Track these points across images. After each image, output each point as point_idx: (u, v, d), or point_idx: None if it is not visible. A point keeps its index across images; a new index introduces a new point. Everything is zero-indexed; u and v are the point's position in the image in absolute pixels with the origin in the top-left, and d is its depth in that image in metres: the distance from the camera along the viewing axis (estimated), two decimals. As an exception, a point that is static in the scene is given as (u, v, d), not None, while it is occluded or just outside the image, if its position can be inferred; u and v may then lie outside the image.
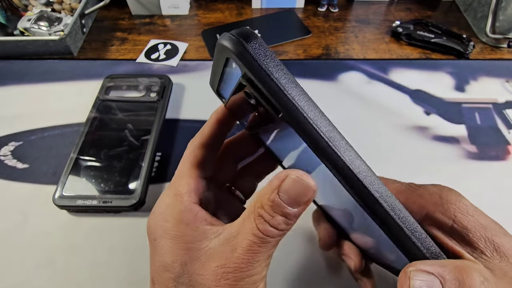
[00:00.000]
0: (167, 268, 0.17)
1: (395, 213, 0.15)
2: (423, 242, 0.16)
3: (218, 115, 0.21)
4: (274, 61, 0.14)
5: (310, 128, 0.14)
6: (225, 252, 0.16)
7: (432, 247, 0.16)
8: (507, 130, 0.40)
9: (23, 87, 0.45)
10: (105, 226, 0.33)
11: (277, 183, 0.15)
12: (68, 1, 0.54)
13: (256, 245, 0.16)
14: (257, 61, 0.13)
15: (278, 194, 0.15)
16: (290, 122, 0.14)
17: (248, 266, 0.16)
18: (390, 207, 0.15)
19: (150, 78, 0.43)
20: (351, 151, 0.14)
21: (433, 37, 0.50)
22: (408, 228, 0.15)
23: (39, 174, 0.36)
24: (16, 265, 0.30)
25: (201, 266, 0.16)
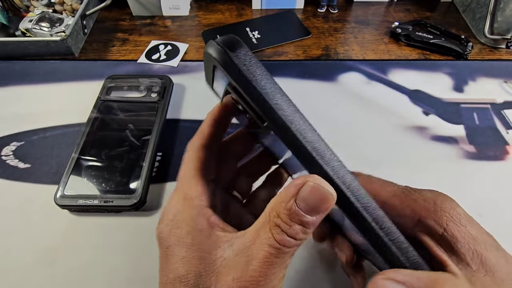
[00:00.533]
0: (181, 279, 0.16)
1: (376, 223, 0.15)
2: (403, 251, 0.16)
3: (214, 115, 0.20)
4: (260, 70, 0.14)
5: (294, 139, 0.14)
6: (240, 263, 0.15)
7: (413, 257, 0.16)
8: (506, 130, 0.41)
9: (24, 87, 0.46)
10: (106, 225, 0.33)
11: (294, 191, 0.15)
12: (70, 2, 0.54)
13: (272, 257, 0.15)
14: (241, 70, 0.13)
15: (295, 202, 0.15)
16: (274, 131, 0.14)
17: (265, 278, 0.15)
18: (372, 218, 0.15)
19: (151, 78, 0.43)
20: (335, 161, 0.15)
21: (432, 37, 0.50)
22: (389, 238, 0.16)
23: (41, 174, 0.37)
24: (17, 265, 0.30)
25: (216, 279, 0.16)
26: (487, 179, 0.36)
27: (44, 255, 0.31)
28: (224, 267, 0.16)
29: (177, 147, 0.39)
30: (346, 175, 0.15)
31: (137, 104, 0.41)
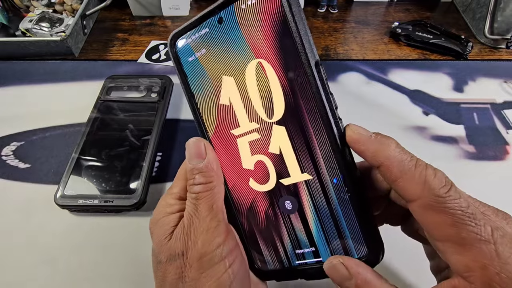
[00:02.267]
0: (153, 251, 0.20)
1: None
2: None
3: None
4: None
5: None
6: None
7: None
8: (505, 130, 0.41)
9: (24, 87, 0.46)
10: (106, 225, 0.33)
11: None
12: (70, 2, 0.54)
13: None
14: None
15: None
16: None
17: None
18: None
19: (151, 78, 0.43)
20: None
21: (432, 37, 0.50)
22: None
23: (41, 174, 0.37)
24: (17, 264, 0.30)
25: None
26: (487, 179, 0.36)
27: (44, 255, 0.31)
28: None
29: (177, 147, 0.39)
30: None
31: (137, 104, 0.41)
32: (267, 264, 0.20)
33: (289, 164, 0.19)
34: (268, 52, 0.17)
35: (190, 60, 0.20)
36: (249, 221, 0.20)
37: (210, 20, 0.18)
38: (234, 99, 0.19)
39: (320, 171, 0.18)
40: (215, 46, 0.19)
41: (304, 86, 0.17)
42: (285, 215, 0.20)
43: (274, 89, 0.18)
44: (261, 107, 0.18)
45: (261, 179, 0.20)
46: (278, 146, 0.19)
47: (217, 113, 0.20)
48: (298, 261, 0.20)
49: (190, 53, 0.19)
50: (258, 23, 0.17)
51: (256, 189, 0.20)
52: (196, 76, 0.20)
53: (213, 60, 0.19)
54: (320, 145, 0.18)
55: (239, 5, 0.17)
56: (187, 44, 0.19)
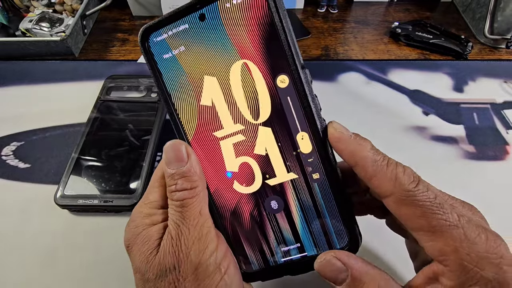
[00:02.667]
0: (136, 269, 0.18)
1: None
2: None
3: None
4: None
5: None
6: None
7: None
8: (505, 130, 0.41)
9: (24, 87, 0.46)
10: (106, 225, 0.33)
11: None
12: (70, 2, 0.54)
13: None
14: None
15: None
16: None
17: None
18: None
19: (151, 78, 0.43)
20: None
21: (432, 37, 0.50)
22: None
23: (41, 173, 0.37)
24: (17, 264, 0.30)
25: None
26: (487, 179, 0.36)
27: (44, 255, 0.31)
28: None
29: (177, 147, 0.39)
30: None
31: (137, 104, 0.41)
32: (252, 265, 0.20)
33: (275, 164, 0.19)
34: (254, 53, 0.17)
35: (166, 57, 0.19)
36: (233, 224, 0.20)
37: (191, 16, 0.18)
38: (217, 100, 0.18)
39: (305, 169, 0.18)
40: (195, 44, 0.18)
41: (291, 88, 0.18)
42: (270, 215, 0.20)
43: (260, 91, 0.18)
44: (246, 109, 0.18)
45: (246, 181, 0.19)
46: (264, 147, 0.19)
47: (198, 114, 0.19)
48: (283, 258, 0.20)
49: (166, 49, 0.18)
50: (244, 23, 0.17)
51: (241, 191, 0.20)
52: (172, 74, 0.19)
53: (193, 59, 0.18)
54: (305, 146, 0.18)
55: (223, 3, 0.17)
56: (163, 40, 0.18)
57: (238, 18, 0.17)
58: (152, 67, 0.19)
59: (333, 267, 0.17)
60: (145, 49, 0.19)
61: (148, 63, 0.19)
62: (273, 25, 0.17)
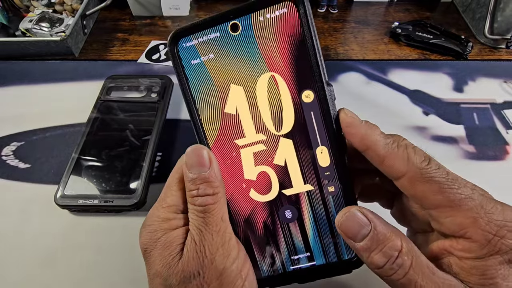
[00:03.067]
0: (157, 274, 0.18)
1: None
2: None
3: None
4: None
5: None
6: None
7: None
8: (505, 130, 0.41)
9: (24, 87, 0.46)
10: (106, 225, 0.33)
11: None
12: (70, 2, 0.54)
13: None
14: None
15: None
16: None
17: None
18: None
19: (151, 78, 0.43)
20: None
21: (432, 38, 0.50)
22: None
23: (41, 174, 0.37)
24: (17, 264, 0.30)
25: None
26: (487, 179, 0.36)
27: (44, 255, 0.31)
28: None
29: (177, 147, 0.39)
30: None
31: (137, 104, 0.41)
32: (261, 272, 0.20)
33: (293, 175, 0.19)
34: (282, 67, 0.18)
35: (194, 63, 0.19)
36: (245, 230, 0.20)
37: (223, 25, 0.18)
38: (241, 109, 0.19)
39: (321, 182, 0.19)
40: (225, 53, 0.18)
41: (316, 104, 0.18)
42: (284, 224, 0.20)
43: (285, 103, 0.18)
44: (269, 119, 0.19)
45: (263, 190, 0.20)
46: (284, 158, 0.19)
47: (221, 121, 0.19)
48: (292, 266, 0.20)
49: (195, 55, 0.19)
50: (275, 37, 0.18)
51: (257, 199, 0.20)
52: (199, 80, 0.19)
53: (222, 67, 0.18)
54: (323, 159, 0.19)
55: (257, 16, 0.18)
56: (192, 46, 0.19)
57: (270, 32, 0.18)
58: (179, 72, 0.19)
59: (356, 220, 0.17)
60: (174, 53, 0.19)
61: (175, 67, 0.19)
62: (304, 42, 0.18)
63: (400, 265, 0.16)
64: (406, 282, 0.16)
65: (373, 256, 0.16)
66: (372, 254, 0.17)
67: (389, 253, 0.16)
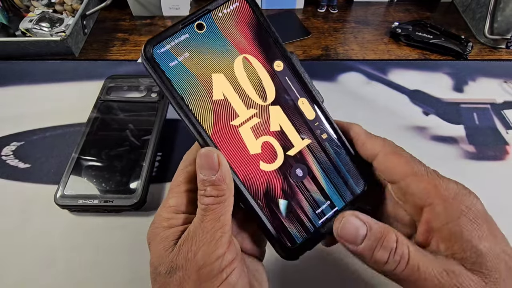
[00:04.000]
0: (151, 264, 0.19)
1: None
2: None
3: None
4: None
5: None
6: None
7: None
8: (505, 130, 0.41)
9: (24, 87, 0.46)
10: (106, 225, 0.33)
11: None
12: (70, 2, 0.54)
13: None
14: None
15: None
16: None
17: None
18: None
19: (151, 78, 0.43)
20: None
21: (432, 38, 0.50)
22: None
23: (41, 173, 0.37)
24: (17, 265, 0.30)
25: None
26: (487, 179, 0.36)
27: (44, 255, 0.31)
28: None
29: (177, 147, 0.39)
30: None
31: (137, 104, 0.41)
32: (296, 239, 0.21)
33: (291, 136, 0.21)
34: (251, 48, 0.21)
35: (172, 65, 0.20)
36: (269, 205, 0.21)
37: (189, 27, 0.20)
38: (228, 93, 0.21)
39: (315, 133, 0.22)
40: (198, 49, 0.20)
41: (286, 69, 0.22)
42: (299, 183, 0.21)
43: (262, 77, 0.21)
44: (255, 94, 0.21)
45: (270, 158, 0.21)
46: (278, 123, 0.21)
47: (213, 110, 0.20)
48: (320, 220, 0.21)
49: (171, 58, 0.20)
50: (237, 27, 0.21)
51: (268, 170, 0.21)
52: (181, 79, 0.20)
53: (198, 61, 0.20)
54: (309, 112, 0.22)
55: (216, 13, 0.20)
56: (166, 50, 0.20)
57: (231, 23, 0.21)
58: (160, 76, 0.20)
59: (352, 224, 0.18)
60: (151, 61, 0.20)
61: (154, 74, 0.20)
62: (260, 25, 0.21)
63: (401, 255, 0.17)
64: (409, 271, 0.17)
65: (376, 254, 0.17)
66: (374, 252, 0.17)
67: (389, 245, 0.17)
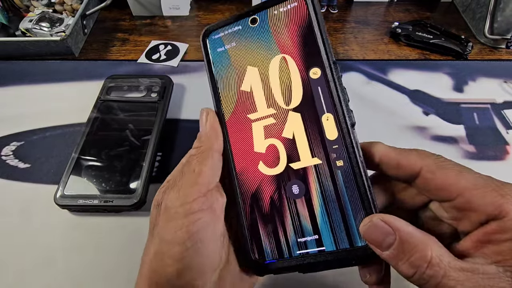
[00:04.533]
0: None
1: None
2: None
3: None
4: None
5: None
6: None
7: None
8: (506, 130, 0.41)
9: (24, 87, 0.46)
10: (106, 225, 0.33)
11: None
12: (70, 2, 0.54)
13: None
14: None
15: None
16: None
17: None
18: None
19: (151, 78, 0.43)
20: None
21: (432, 38, 0.50)
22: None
23: (41, 173, 0.37)
24: (17, 264, 0.30)
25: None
26: (487, 179, 0.36)
27: (44, 255, 0.31)
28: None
29: (177, 147, 0.39)
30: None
31: (137, 104, 0.41)
32: (266, 256, 0.20)
33: (301, 148, 0.20)
34: (293, 49, 0.20)
35: (219, 51, 0.22)
36: (252, 207, 0.20)
37: (244, 20, 0.21)
38: (255, 87, 0.21)
39: (329, 156, 0.19)
40: (245, 41, 0.21)
41: (322, 79, 0.20)
42: (291, 200, 0.20)
43: (294, 80, 0.20)
44: (280, 95, 0.20)
45: (271, 163, 0.20)
46: (292, 131, 0.20)
47: (237, 98, 0.21)
48: (299, 251, 0.19)
49: (221, 44, 0.22)
50: (288, 26, 0.20)
51: (265, 173, 0.20)
52: (222, 64, 0.22)
53: (241, 52, 0.21)
54: (331, 132, 0.20)
55: (272, 11, 0.21)
56: (219, 37, 0.22)
57: (282, 22, 0.21)
58: (207, 58, 0.22)
59: (379, 230, 0.17)
60: (204, 44, 0.22)
61: (205, 55, 0.22)
62: (311, 27, 0.20)
63: (431, 276, 0.15)
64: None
65: (401, 266, 0.16)
66: (399, 263, 0.16)
67: (417, 263, 0.15)
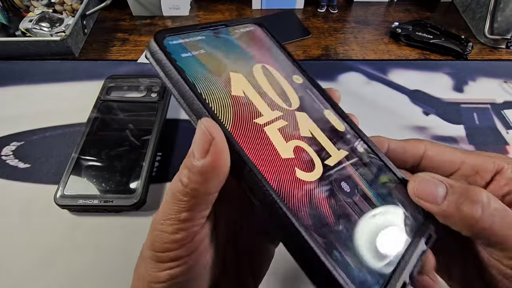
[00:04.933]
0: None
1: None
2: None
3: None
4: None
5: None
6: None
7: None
8: (506, 130, 0.41)
9: (24, 87, 0.46)
10: (106, 225, 0.33)
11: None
12: (70, 2, 0.54)
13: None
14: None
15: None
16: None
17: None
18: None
19: (151, 78, 0.43)
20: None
21: (432, 38, 0.50)
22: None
23: (41, 173, 0.37)
24: (17, 264, 0.30)
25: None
26: (487, 179, 0.36)
27: (44, 255, 0.31)
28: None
29: (177, 147, 0.39)
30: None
31: (137, 104, 0.41)
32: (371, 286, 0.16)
33: (325, 144, 0.18)
34: (268, 60, 0.20)
35: (184, 56, 0.18)
36: (322, 231, 0.15)
37: (207, 31, 0.20)
38: (248, 91, 0.18)
39: (352, 146, 0.19)
40: (215, 49, 0.19)
41: (307, 83, 0.21)
42: (348, 201, 0.17)
43: (284, 85, 0.20)
44: (278, 98, 0.19)
45: (307, 166, 0.17)
46: (308, 129, 0.18)
47: (232, 103, 0.18)
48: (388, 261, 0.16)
49: (184, 50, 0.18)
50: (253, 43, 0.21)
51: (307, 179, 0.16)
52: (195, 70, 0.18)
53: (215, 59, 0.19)
54: (338, 125, 0.20)
55: (233, 30, 0.20)
56: (179, 43, 0.18)
57: (246, 39, 0.20)
58: (173, 63, 0.17)
59: (430, 182, 0.16)
60: (162, 48, 0.17)
61: (164, 61, 0.17)
62: (275, 44, 0.21)
63: (497, 209, 0.14)
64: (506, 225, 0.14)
65: (465, 209, 0.14)
66: (462, 207, 0.15)
67: (479, 199, 0.14)
